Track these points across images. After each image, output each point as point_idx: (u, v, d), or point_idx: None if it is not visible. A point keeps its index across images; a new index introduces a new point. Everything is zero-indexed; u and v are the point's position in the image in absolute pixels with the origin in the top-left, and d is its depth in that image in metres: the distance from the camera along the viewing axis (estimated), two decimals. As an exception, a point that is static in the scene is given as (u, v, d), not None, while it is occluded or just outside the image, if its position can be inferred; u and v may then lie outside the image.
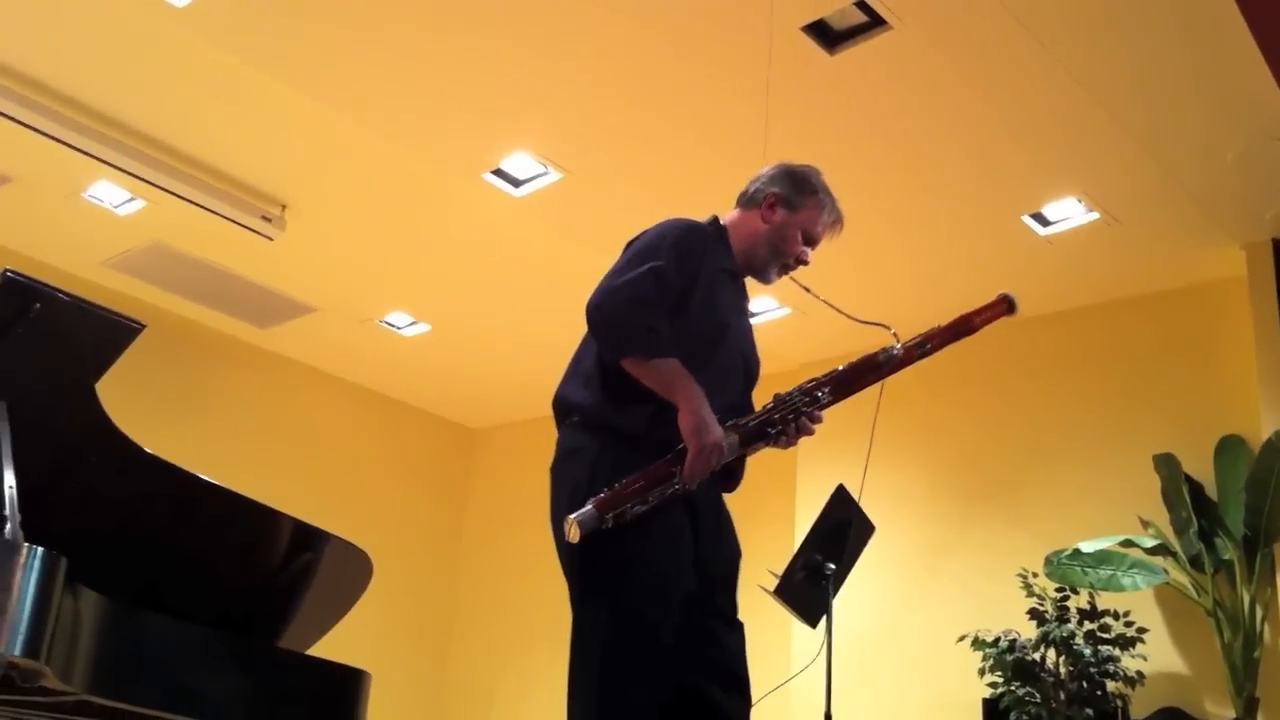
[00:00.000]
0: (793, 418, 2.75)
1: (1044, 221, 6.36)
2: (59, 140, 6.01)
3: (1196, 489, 6.27)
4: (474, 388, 9.40)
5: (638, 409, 2.65)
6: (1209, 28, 4.82)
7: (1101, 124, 5.53)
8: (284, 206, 6.82)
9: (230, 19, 5.29)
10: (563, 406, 2.80)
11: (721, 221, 3.05)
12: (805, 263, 3.01)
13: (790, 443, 2.79)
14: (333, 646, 3.56)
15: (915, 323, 2.95)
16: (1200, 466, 6.32)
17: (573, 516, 2.55)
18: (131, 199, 6.79)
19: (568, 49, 5.34)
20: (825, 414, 2.83)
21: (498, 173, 6.32)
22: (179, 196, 6.48)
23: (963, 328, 2.94)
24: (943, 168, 6.01)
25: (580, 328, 2.75)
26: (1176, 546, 6.17)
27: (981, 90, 5.40)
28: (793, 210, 2.98)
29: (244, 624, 3.29)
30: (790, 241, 2.98)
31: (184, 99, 5.98)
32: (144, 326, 2.89)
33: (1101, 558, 6.17)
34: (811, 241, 3.01)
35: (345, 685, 3.26)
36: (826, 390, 2.80)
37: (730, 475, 2.86)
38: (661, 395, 2.62)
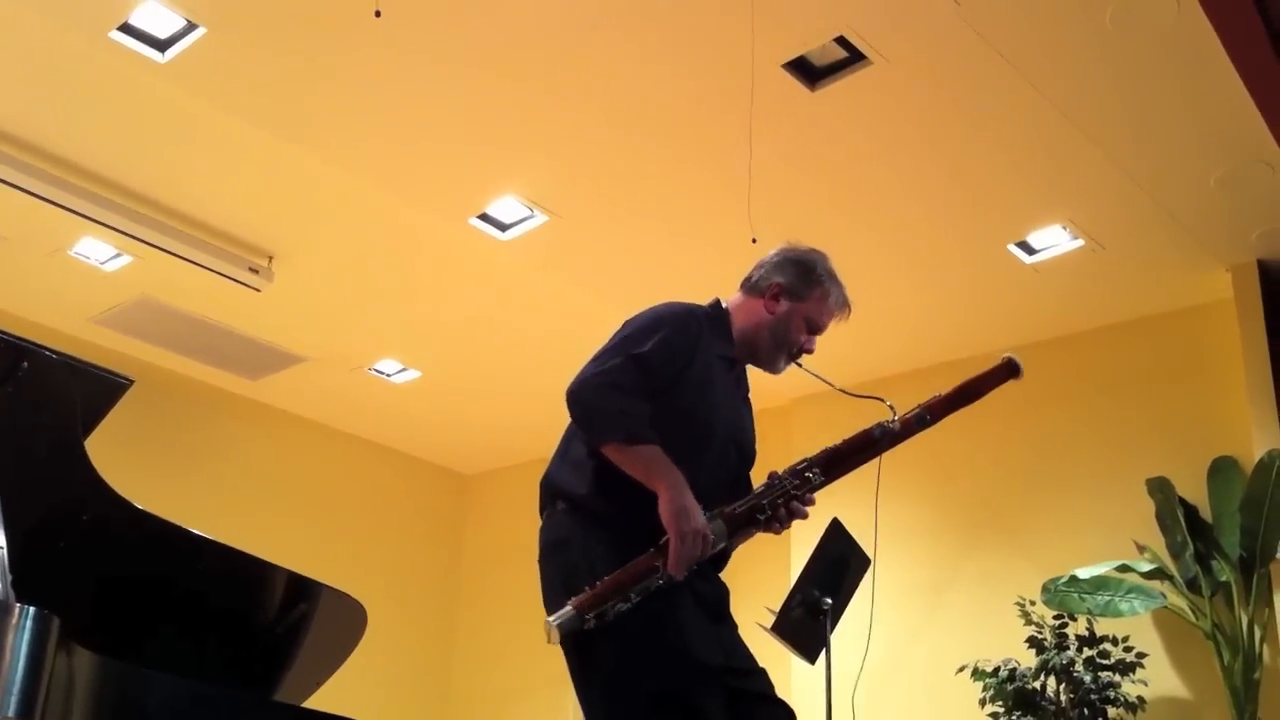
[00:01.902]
0: (782, 501, 2.68)
1: (1030, 250, 6.38)
2: (43, 198, 6.02)
3: (1191, 511, 6.27)
4: (466, 433, 9.38)
5: (631, 499, 2.55)
6: (1190, 53, 4.87)
7: (1085, 151, 5.56)
8: (271, 257, 6.83)
9: (212, 72, 5.32)
10: (552, 490, 2.73)
11: (724, 304, 2.96)
12: (809, 351, 2.95)
13: (782, 527, 2.72)
14: (330, 697, 3.53)
15: (902, 356, 2.92)
16: (1194, 489, 6.32)
17: (550, 619, 2.45)
18: (118, 255, 6.80)
19: (551, 93, 5.37)
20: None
21: (484, 217, 6.34)
22: (165, 251, 6.48)
23: (967, 394, 2.85)
24: (926, 200, 6.03)
25: (571, 367, 2.73)
26: (1173, 570, 6.17)
27: (964, 122, 5.44)
28: (797, 300, 2.91)
29: (240, 678, 3.27)
30: (794, 331, 2.91)
31: (168, 153, 6.00)
32: (132, 382, 2.89)
33: (1099, 583, 6.16)
34: (816, 330, 2.95)
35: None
36: (817, 471, 2.73)
37: (721, 559, 2.77)
38: (641, 481, 2.55)
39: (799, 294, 2.91)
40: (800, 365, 2.97)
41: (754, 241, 5.40)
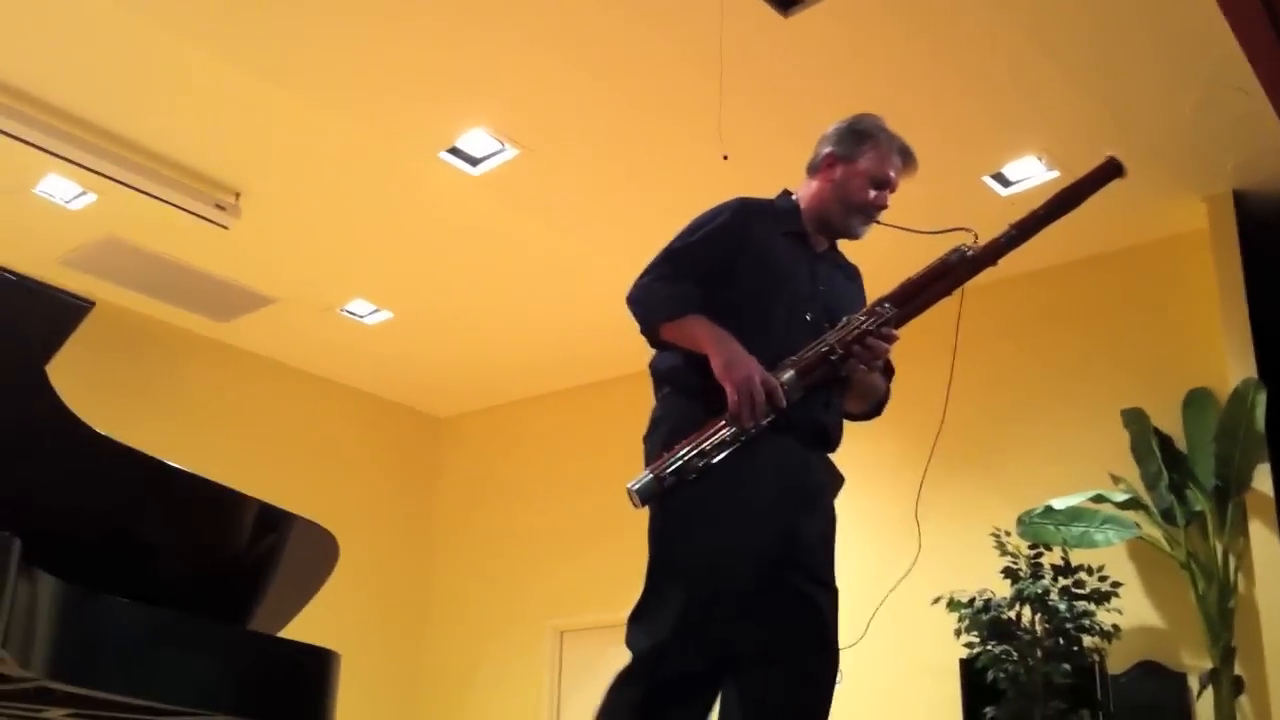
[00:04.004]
0: (854, 339, 2.68)
1: (1005, 182, 6.34)
2: (6, 134, 5.90)
3: (1166, 442, 6.28)
4: (440, 375, 9.30)
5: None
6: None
7: (1059, 81, 5.51)
8: (238, 194, 6.73)
9: (176, 3, 5.20)
10: (656, 376, 2.84)
11: (794, 195, 3.03)
12: (883, 206, 2.99)
13: (867, 366, 2.72)
14: (310, 633, 3.50)
15: (874, 291, 2.92)
16: (1169, 420, 6.33)
17: (629, 485, 2.52)
18: (83, 193, 6.68)
19: (519, 23, 5.28)
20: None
21: (454, 151, 6.25)
22: (131, 188, 6.38)
23: (1066, 202, 2.79)
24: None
25: (546, 304, 2.73)
26: (1148, 500, 6.18)
27: (938, 51, 5.38)
28: (851, 161, 2.96)
29: (210, 607, 3.23)
30: (856, 191, 2.94)
31: (133, 87, 5.88)
32: (93, 304, 2.82)
33: (1074, 514, 6.18)
34: (883, 184, 2.98)
35: (315, 666, 3.20)
36: (888, 305, 2.73)
37: (823, 435, 2.82)
38: (696, 350, 2.65)
39: (851, 155, 2.98)
40: (880, 222, 3.01)
41: (725, 158, 5.35)
